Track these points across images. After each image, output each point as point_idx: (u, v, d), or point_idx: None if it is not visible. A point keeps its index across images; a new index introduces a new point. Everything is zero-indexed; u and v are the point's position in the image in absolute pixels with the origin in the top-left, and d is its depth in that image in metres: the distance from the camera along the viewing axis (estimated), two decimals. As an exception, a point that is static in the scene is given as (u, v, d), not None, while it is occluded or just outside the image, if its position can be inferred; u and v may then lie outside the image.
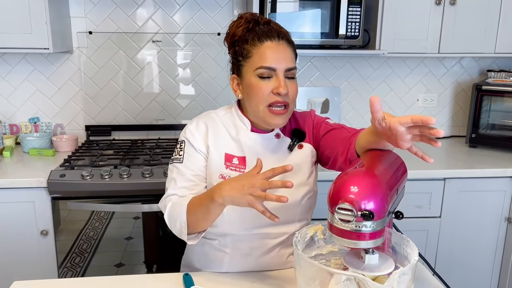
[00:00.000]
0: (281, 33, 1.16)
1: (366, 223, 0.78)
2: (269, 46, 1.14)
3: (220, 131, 1.24)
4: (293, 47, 1.19)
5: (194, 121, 1.26)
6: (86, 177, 1.85)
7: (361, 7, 2.10)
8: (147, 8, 2.35)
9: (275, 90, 1.13)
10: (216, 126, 1.24)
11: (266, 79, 1.14)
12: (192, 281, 1.09)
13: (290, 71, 1.15)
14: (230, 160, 1.21)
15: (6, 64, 2.32)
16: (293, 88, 1.16)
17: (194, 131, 1.23)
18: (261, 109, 1.16)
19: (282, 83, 1.13)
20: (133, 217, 1.99)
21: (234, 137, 1.23)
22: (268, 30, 1.15)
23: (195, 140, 1.22)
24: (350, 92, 2.56)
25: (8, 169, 1.99)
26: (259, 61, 1.14)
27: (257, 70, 1.14)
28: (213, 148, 1.21)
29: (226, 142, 1.22)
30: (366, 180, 0.81)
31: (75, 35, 2.33)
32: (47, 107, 2.40)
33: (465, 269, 2.16)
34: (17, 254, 1.90)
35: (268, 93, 1.14)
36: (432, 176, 2.04)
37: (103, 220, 1.99)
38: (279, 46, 1.14)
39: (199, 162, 1.21)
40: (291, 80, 1.16)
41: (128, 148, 2.24)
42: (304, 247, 0.94)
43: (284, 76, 1.14)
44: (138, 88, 2.42)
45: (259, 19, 1.19)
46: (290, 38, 1.19)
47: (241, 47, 1.17)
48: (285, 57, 1.14)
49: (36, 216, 1.88)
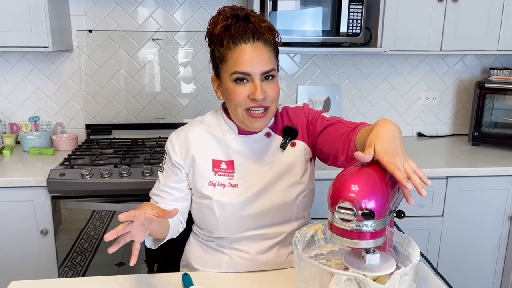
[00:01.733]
0: (257, 33, 1.10)
1: (366, 223, 0.77)
2: (243, 49, 1.09)
3: (204, 138, 1.21)
4: (272, 46, 1.13)
5: (178, 132, 1.24)
6: (86, 176, 1.84)
7: (363, 4, 2.08)
8: (147, 6, 2.33)
9: (251, 95, 1.09)
10: (200, 135, 1.21)
11: (242, 84, 1.10)
12: (191, 281, 1.08)
13: (267, 73, 1.11)
14: (218, 165, 1.19)
15: (5, 62, 2.31)
16: (272, 89, 1.11)
17: (175, 142, 1.22)
18: (239, 112, 1.13)
19: (258, 88, 1.08)
20: (134, 217, 1.98)
21: (221, 141, 1.20)
22: (243, 31, 1.09)
23: (175, 154, 1.21)
24: (352, 90, 2.55)
25: (7, 168, 1.98)
26: (233, 66, 1.09)
27: (232, 75, 1.10)
28: (198, 157, 1.19)
29: (212, 148, 1.20)
30: (366, 179, 0.79)
31: (75, 34, 2.32)
32: (47, 106, 2.39)
33: (467, 268, 2.15)
34: (17, 253, 1.89)
35: (245, 98, 1.10)
36: (434, 174, 2.02)
37: (104, 219, 1.98)
38: (254, 49, 1.09)
39: (175, 175, 1.21)
40: (269, 81, 1.12)
41: (129, 147, 2.23)
42: (304, 246, 0.93)
43: (261, 79, 1.10)
44: (139, 87, 2.41)
45: (239, 13, 1.13)
46: (268, 36, 1.12)
47: (218, 50, 1.13)
48: (260, 60, 1.09)
49: (36, 216, 1.87)
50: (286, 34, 2.08)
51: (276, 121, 1.25)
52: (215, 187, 1.17)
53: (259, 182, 1.18)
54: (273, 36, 1.15)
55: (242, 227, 1.17)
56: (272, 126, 1.24)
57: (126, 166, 1.90)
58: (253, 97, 1.09)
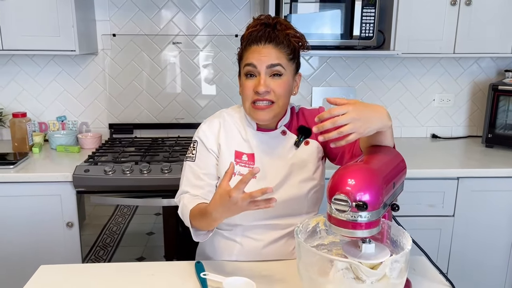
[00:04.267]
0: (271, 37, 1.20)
1: (361, 214, 0.84)
2: (255, 49, 1.21)
3: (230, 130, 1.31)
4: (286, 49, 1.22)
5: (208, 121, 1.34)
6: (109, 172, 1.95)
7: (375, 8, 2.13)
8: (168, 11, 2.44)
9: (254, 88, 1.20)
10: (227, 125, 1.32)
11: (250, 78, 1.22)
12: (203, 268, 1.16)
13: (273, 67, 1.20)
14: (240, 157, 1.28)
15: (35, 65, 2.45)
16: (278, 86, 1.21)
17: (207, 131, 1.31)
18: (247, 106, 1.24)
19: (262, 81, 1.19)
20: (155, 213, 2.08)
21: (243, 135, 1.31)
22: (261, 35, 1.21)
23: (208, 140, 1.30)
24: (366, 92, 2.60)
25: (36, 164, 2.10)
26: (245, 60, 1.23)
27: (244, 69, 1.23)
28: (224, 146, 1.29)
29: (236, 140, 1.30)
30: (362, 174, 0.86)
31: (100, 38, 2.44)
32: (74, 106, 2.53)
33: (479, 268, 2.16)
34: (44, 244, 2.01)
35: (251, 91, 1.21)
36: (446, 175, 2.05)
37: (126, 216, 2.09)
38: (263, 49, 1.20)
39: (210, 161, 1.29)
40: (276, 78, 1.21)
41: (149, 145, 2.34)
42: (306, 237, 1.00)
43: (267, 75, 1.20)
44: (159, 88, 2.52)
45: (269, 21, 1.24)
46: (285, 39, 1.21)
47: (240, 50, 1.26)
48: (268, 55, 1.20)
49: (62, 209, 1.99)
50: (301, 37, 2.15)
51: (292, 121, 1.34)
52: (235, 176, 1.25)
53: (276, 176, 1.27)
54: (295, 42, 1.25)
55: (256, 216, 1.25)
56: (288, 124, 1.33)
57: (146, 163, 2.00)
58: (256, 90, 1.19)
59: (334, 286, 0.86)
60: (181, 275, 1.17)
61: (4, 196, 1.95)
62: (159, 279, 1.15)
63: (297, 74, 1.29)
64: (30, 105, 2.50)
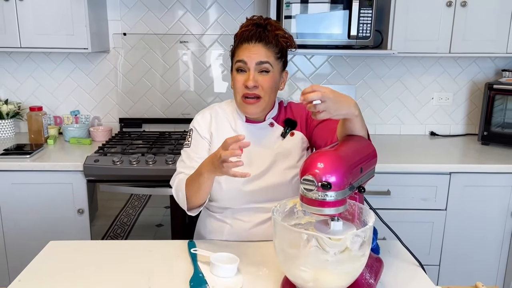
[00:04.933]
0: (261, 37, 1.32)
1: (328, 193, 0.94)
2: (246, 47, 1.33)
3: (221, 121, 1.44)
4: (275, 48, 1.33)
5: (201, 112, 1.48)
6: (117, 163, 2.08)
7: (372, 9, 2.22)
8: (176, 12, 2.57)
9: (244, 82, 1.32)
10: (218, 117, 1.45)
11: (241, 73, 1.33)
12: (195, 246, 1.28)
13: (262, 64, 1.31)
14: None
15: (51, 62, 2.61)
16: (265, 81, 1.32)
17: (200, 120, 1.45)
18: (238, 99, 1.36)
19: (251, 76, 1.31)
20: (164, 206, 2.20)
21: (232, 126, 1.43)
22: (252, 35, 1.33)
23: (201, 129, 1.43)
24: (366, 90, 2.68)
25: (51, 154, 2.25)
26: (237, 57, 1.34)
27: (235, 65, 1.35)
28: (215, 134, 1.42)
29: (226, 130, 1.42)
30: (329, 158, 0.96)
31: (111, 37, 2.58)
32: (86, 101, 2.67)
33: (470, 261, 2.23)
34: (56, 229, 2.15)
35: (241, 85, 1.33)
36: (438, 170, 2.13)
37: (136, 208, 2.21)
38: (253, 47, 1.32)
39: (203, 147, 1.42)
40: (264, 74, 1.32)
41: (156, 138, 2.47)
42: (284, 216, 1.10)
43: (256, 71, 1.31)
44: (167, 85, 2.65)
45: (261, 21, 1.36)
46: (273, 39, 1.33)
47: (233, 48, 1.38)
48: (257, 53, 1.31)
49: (74, 196, 2.13)
50: (301, 37, 2.26)
51: (280, 113, 1.45)
52: None
53: (261, 163, 1.38)
54: (283, 42, 1.36)
55: (244, 200, 1.37)
56: (276, 117, 1.44)
57: (152, 155, 2.13)
58: (246, 84, 1.31)
59: (303, 257, 0.96)
60: (175, 251, 1.28)
61: (20, 183, 2.10)
62: (156, 254, 1.27)
63: (283, 72, 1.40)
64: (46, 99, 2.65)
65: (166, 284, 1.12)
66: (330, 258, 0.93)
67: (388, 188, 2.15)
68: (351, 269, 0.96)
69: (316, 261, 0.95)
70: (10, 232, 2.14)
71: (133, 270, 1.18)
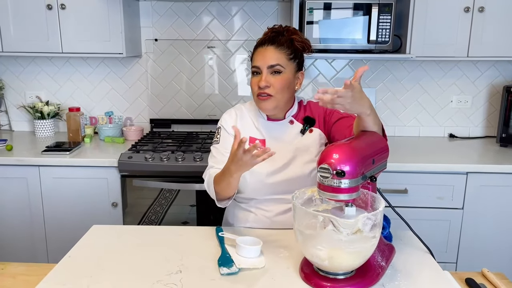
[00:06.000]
0: (272, 40, 1.45)
1: (342, 181, 1.05)
2: (259, 51, 1.47)
3: (246, 119, 1.58)
4: (287, 49, 1.45)
5: (228, 112, 1.62)
6: (149, 159, 2.23)
7: (391, 15, 2.32)
8: (204, 18, 2.72)
9: (258, 84, 1.45)
10: (243, 116, 1.58)
11: (255, 76, 1.47)
12: (222, 231, 1.41)
13: (272, 67, 1.44)
14: (253, 141, 1.52)
15: (88, 66, 2.80)
16: (276, 81, 1.44)
17: (227, 118, 1.58)
18: (254, 98, 1.50)
19: (263, 78, 1.44)
20: (190, 205, 2.34)
21: (256, 124, 1.56)
22: (267, 39, 1.46)
23: (228, 126, 1.56)
24: (385, 93, 2.77)
25: (87, 152, 2.42)
26: (253, 62, 1.49)
27: (252, 69, 1.49)
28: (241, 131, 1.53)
29: (250, 128, 1.56)
30: (344, 149, 1.08)
31: (143, 42, 2.75)
32: (120, 103, 2.85)
33: (487, 259, 2.28)
34: (92, 221, 2.28)
35: (256, 86, 1.46)
36: (455, 170, 2.20)
37: (163, 206, 2.35)
38: (265, 51, 1.45)
39: (231, 142, 1.53)
40: (276, 75, 1.45)
41: (184, 138, 2.62)
42: (302, 203, 1.22)
43: (268, 72, 1.44)
44: (195, 88, 2.80)
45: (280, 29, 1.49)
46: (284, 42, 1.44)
47: (251, 54, 1.52)
48: (269, 57, 1.44)
49: (108, 190, 2.29)
50: (323, 42, 2.37)
51: (299, 112, 1.57)
52: None
53: (283, 158, 1.50)
54: (298, 46, 1.48)
55: (267, 191, 1.50)
56: (295, 115, 1.56)
57: (181, 152, 2.27)
58: (258, 84, 1.45)
59: (319, 237, 1.08)
60: (204, 236, 1.42)
61: (61, 178, 2.28)
62: (187, 238, 1.41)
63: (299, 72, 1.52)
64: (83, 101, 2.84)
65: (197, 262, 1.25)
66: (343, 238, 1.04)
67: (406, 187, 2.23)
68: (363, 248, 1.06)
69: (331, 241, 1.06)
70: (51, 222, 2.32)
71: (167, 250, 1.32)
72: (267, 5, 2.69)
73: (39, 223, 2.33)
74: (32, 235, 2.34)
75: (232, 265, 1.21)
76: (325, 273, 1.13)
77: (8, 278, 1.28)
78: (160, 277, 1.17)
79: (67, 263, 1.25)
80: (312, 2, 2.32)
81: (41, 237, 2.34)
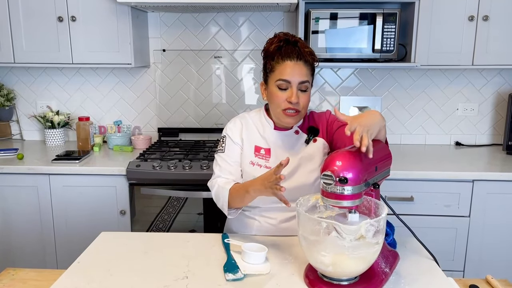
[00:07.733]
0: (300, 54, 1.45)
1: (345, 187, 1.07)
2: (288, 64, 1.44)
3: (251, 128, 1.59)
4: (309, 66, 1.47)
5: (233, 120, 1.63)
6: (156, 168, 2.26)
7: (395, 24, 2.34)
8: (211, 29, 2.77)
9: (288, 99, 1.44)
10: (248, 124, 1.60)
11: (283, 90, 1.46)
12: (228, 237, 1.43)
13: (303, 83, 1.45)
14: (258, 150, 1.55)
15: (98, 76, 2.85)
16: (304, 98, 1.46)
17: (232, 127, 1.60)
18: (277, 112, 1.49)
19: (294, 94, 1.44)
20: (197, 213, 2.36)
21: (261, 133, 1.58)
22: (291, 52, 1.45)
23: (233, 135, 1.58)
24: (391, 101, 2.79)
25: (96, 160, 2.46)
26: (279, 75, 1.45)
27: (277, 82, 1.46)
28: (246, 140, 1.57)
29: (255, 137, 1.58)
30: (347, 157, 1.10)
31: (151, 53, 2.80)
32: (128, 112, 2.90)
33: (495, 267, 2.27)
34: (100, 228, 2.31)
35: (283, 101, 1.46)
36: (461, 177, 2.20)
37: (171, 214, 2.38)
38: (296, 65, 1.44)
39: (236, 151, 1.57)
40: (303, 92, 1.46)
41: (192, 146, 2.65)
42: (307, 209, 1.24)
43: (297, 89, 1.45)
44: (202, 97, 2.84)
45: (290, 38, 1.50)
46: (309, 58, 1.46)
47: (269, 63, 1.50)
48: (299, 73, 1.44)
49: (117, 198, 2.32)
50: (329, 51, 2.40)
51: (304, 122, 1.59)
52: (254, 166, 1.53)
53: (288, 167, 1.51)
54: (312, 60, 1.50)
55: (271, 199, 1.50)
56: (301, 125, 1.58)
57: (188, 161, 2.30)
58: (290, 100, 1.45)
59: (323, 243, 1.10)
60: (210, 242, 1.44)
61: (70, 186, 2.32)
62: (193, 244, 1.43)
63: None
64: (92, 110, 2.89)
65: (203, 268, 1.27)
66: (346, 243, 1.06)
67: (412, 195, 2.24)
68: (366, 254, 1.08)
69: (335, 246, 1.08)
70: (61, 229, 2.36)
71: (174, 256, 1.34)
72: (273, 15, 2.73)
73: (49, 230, 2.37)
74: (42, 241, 2.38)
75: (238, 271, 1.23)
76: (329, 279, 1.15)
77: (19, 284, 1.31)
78: (167, 282, 1.19)
79: (76, 268, 1.28)
80: (317, 12, 2.36)
81: (51, 244, 2.38)
